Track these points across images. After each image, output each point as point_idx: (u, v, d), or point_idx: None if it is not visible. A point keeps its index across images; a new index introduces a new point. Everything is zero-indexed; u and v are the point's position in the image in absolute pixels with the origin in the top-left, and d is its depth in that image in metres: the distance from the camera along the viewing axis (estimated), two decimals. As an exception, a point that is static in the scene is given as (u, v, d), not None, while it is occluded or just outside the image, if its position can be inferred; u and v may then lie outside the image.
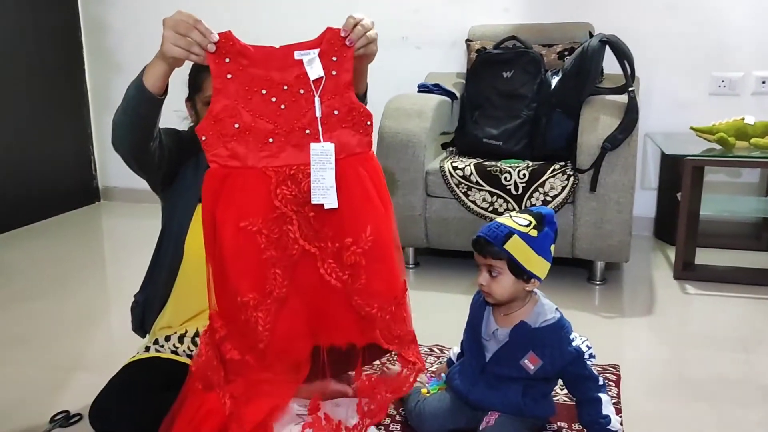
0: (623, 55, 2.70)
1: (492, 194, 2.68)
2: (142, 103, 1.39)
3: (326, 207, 1.26)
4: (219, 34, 1.24)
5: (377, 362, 1.79)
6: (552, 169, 2.64)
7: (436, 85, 3.09)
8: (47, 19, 3.88)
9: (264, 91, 1.27)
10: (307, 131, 1.28)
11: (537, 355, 1.51)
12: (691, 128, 2.84)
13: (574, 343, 1.53)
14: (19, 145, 3.72)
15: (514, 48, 3.05)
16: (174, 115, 1.73)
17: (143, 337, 1.82)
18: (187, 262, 1.66)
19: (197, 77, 1.62)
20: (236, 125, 1.27)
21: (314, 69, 1.25)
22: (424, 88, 3.09)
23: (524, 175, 2.64)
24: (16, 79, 3.68)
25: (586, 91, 2.70)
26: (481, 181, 2.70)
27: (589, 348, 1.61)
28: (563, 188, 2.60)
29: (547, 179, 2.62)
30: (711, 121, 2.82)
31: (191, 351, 1.69)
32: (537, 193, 2.62)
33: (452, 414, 1.63)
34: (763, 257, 3.08)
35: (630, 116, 2.51)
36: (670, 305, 2.57)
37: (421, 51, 3.61)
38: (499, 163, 2.72)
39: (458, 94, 3.13)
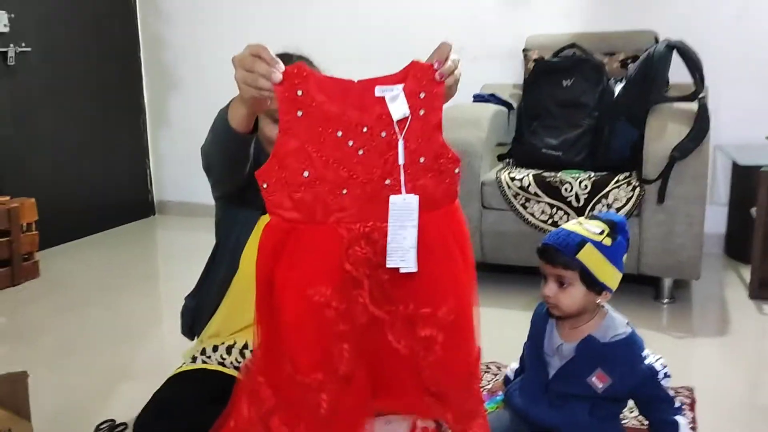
0: (692, 60, 2.56)
1: (551, 206, 2.56)
2: (229, 139, 1.30)
3: (402, 271, 1.06)
4: (292, 66, 1.05)
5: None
6: (616, 179, 2.51)
7: (492, 95, 3.00)
8: (108, 34, 3.97)
9: (339, 133, 1.05)
10: (388, 181, 1.06)
11: (606, 373, 1.39)
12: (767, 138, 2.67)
13: (647, 361, 1.41)
14: (78, 159, 3.80)
15: (574, 56, 2.94)
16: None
17: (192, 339, 1.78)
18: (242, 274, 1.60)
19: None
20: (305, 173, 1.05)
21: (399, 107, 1.04)
22: (479, 99, 3.01)
23: (586, 186, 2.52)
24: (76, 93, 3.77)
25: (652, 98, 2.56)
26: (540, 192, 2.58)
27: (664, 367, 1.47)
28: (628, 200, 2.46)
29: (611, 190, 2.49)
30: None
31: (239, 363, 1.63)
32: (600, 204, 2.49)
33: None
34: None
35: (701, 124, 2.37)
36: (745, 326, 2.39)
37: (477, 62, 3.53)
38: (559, 174, 2.61)
39: (515, 105, 3.03)
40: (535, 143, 2.82)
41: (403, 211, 1.04)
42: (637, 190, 2.46)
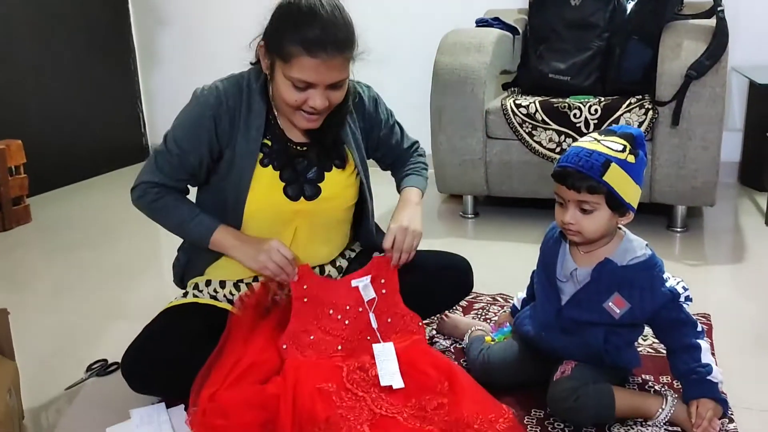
0: (709, -27, 2.40)
1: (559, 133, 2.44)
2: (197, 244, 1.54)
3: (395, 388, 1.37)
4: (299, 267, 1.48)
5: None
6: (628, 103, 2.38)
7: (496, 18, 2.84)
8: (91, -30, 3.78)
9: (331, 311, 1.50)
10: (368, 338, 1.48)
11: (624, 297, 1.30)
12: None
13: (668, 284, 1.32)
14: (66, 101, 3.66)
15: (583, -26, 2.77)
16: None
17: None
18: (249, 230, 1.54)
19: (283, 42, 1.36)
20: (311, 337, 1.46)
21: (368, 292, 1.51)
22: (483, 23, 2.85)
23: (596, 110, 2.39)
24: (62, 35, 3.61)
25: (667, 14, 2.42)
26: (547, 119, 2.46)
27: (686, 290, 1.38)
28: (641, 123, 2.34)
29: (622, 114, 2.36)
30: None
31: (232, 296, 1.55)
32: (610, 130, 2.37)
33: (522, 364, 1.45)
34: None
35: (719, 39, 2.22)
36: (761, 253, 2.29)
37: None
38: (567, 100, 2.47)
39: (520, 30, 2.88)
40: (541, 68, 2.68)
41: (383, 352, 1.44)
42: (650, 113, 2.33)
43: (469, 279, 1.68)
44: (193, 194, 1.59)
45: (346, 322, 1.49)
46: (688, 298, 1.38)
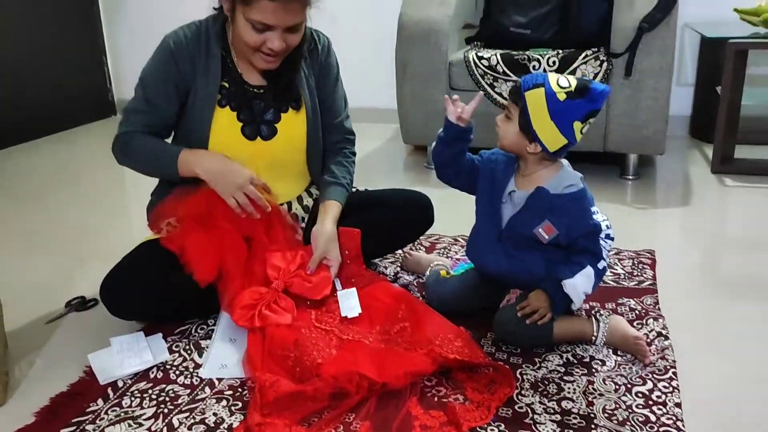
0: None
1: (519, 84, 2.53)
2: (167, 176, 1.60)
3: (352, 316, 1.49)
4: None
5: None
6: (584, 55, 2.48)
7: (460, -27, 2.89)
8: None
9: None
10: (335, 295, 1.57)
11: (553, 225, 1.39)
12: (735, 9, 2.64)
13: (595, 217, 1.41)
14: (31, 57, 3.61)
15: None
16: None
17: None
18: None
19: None
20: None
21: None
22: (446, -22, 2.90)
23: (554, 62, 2.49)
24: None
25: (623, -31, 2.50)
26: (507, 71, 2.55)
27: (609, 228, 1.47)
28: (596, 75, 2.44)
29: (578, 66, 2.46)
30: (756, 3, 2.61)
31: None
32: (567, 81, 2.47)
33: (475, 291, 1.55)
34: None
35: (670, -7, 2.32)
36: (707, 198, 2.44)
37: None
38: (527, 52, 2.56)
39: (483, -16, 2.94)
40: (503, 22, 2.76)
41: (345, 293, 1.55)
42: (605, 64, 2.44)
43: (430, 212, 1.77)
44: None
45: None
46: (608, 236, 1.45)
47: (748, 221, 2.25)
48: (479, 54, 2.60)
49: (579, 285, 1.40)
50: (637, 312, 1.59)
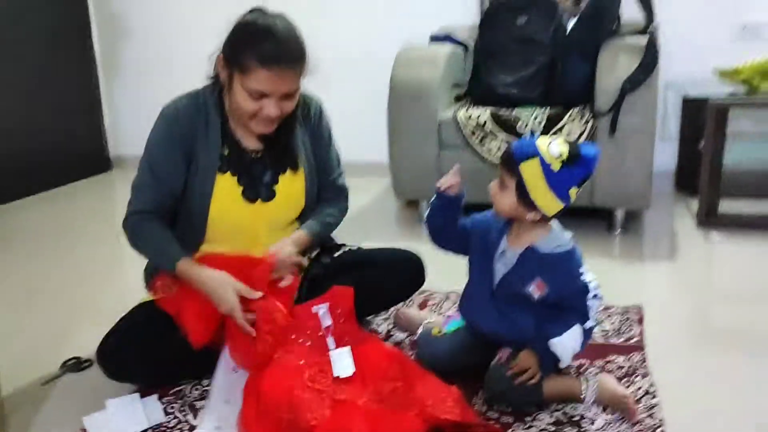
0: (642, -5, 2.60)
1: (508, 142, 2.61)
2: (164, 269, 1.62)
3: (345, 376, 1.50)
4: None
5: None
6: (570, 113, 2.56)
7: (448, 36, 3.01)
8: (53, -17, 3.83)
9: (293, 336, 1.59)
10: (328, 353, 1.58)
11: (545, 282, 1.43)
12: (716, 71, 2.74)
13: (583, 277, 1.45)
14: (26, 110, 3.68)
15: (529, -6, 2.96)
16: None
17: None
18: (211, 239, 1.66)
19: (242, 56, 1.50)
20: (275, 356, 1.54)
21: (325, 320, 1.63)
22: (436, 39, 3.02)
23: (541, 120, 2.57)
24: (22, 44, 3.64)
25: (604, 31, 2.61)
26: (495, 129, 2.62)
27: (597, 288, 1.51)
28: (581, 133, 2.52)
29: (565, 124, 2.54)
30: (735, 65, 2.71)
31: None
32: (554, 139, 2.54)
33: (467, 350, 1.58)
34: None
35: (650, 54, 2.42)
36: (692, 252, 2.49)
37: (433, 2, 3.53)
38: (514, 111, 2.65)
39: (471, 46, 3.05)
40: (491, 81, 2.85)
41: (339, 353, 1.55)
42: (590, 123, 2.52)
43: (421, 272, 1.81)
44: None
45: (308, 343, 1.59)
46: (596, 296, 1.48)
47: (733, 275, 2.29)
48: (468, 112, 2.69)
49: (567, 343, 1.43)
50: (625, 369, 1.61)
